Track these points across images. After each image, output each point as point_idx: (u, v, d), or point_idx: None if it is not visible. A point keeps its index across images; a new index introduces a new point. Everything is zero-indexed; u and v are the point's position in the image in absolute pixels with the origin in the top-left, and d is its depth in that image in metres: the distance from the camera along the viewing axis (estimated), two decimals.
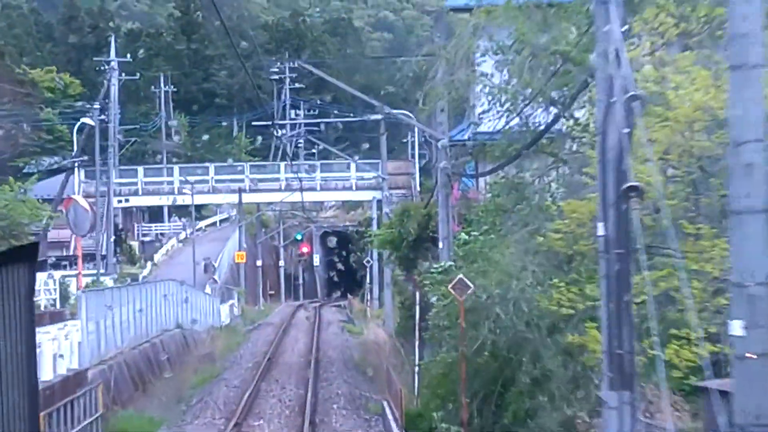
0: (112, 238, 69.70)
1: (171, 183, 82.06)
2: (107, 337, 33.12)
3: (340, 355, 42.59)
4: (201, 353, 43.01)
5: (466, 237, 28.68)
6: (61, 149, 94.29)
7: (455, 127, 34.96)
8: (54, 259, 66.45)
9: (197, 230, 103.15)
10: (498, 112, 26.96)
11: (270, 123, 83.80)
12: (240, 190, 77.17)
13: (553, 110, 26.46)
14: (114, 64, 70.22)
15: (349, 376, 36.07)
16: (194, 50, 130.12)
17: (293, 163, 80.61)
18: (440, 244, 30.20)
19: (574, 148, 27.00)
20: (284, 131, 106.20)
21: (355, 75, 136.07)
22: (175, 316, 46.08)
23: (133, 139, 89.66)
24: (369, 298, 74.41)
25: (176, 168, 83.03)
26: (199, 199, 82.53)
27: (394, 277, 42.60)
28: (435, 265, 26.98)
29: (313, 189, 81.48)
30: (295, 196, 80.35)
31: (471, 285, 21.11)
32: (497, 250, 24.71)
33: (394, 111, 38.08)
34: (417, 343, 28.91)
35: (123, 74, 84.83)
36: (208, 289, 70.67)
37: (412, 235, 34.63)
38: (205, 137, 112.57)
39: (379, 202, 78.48)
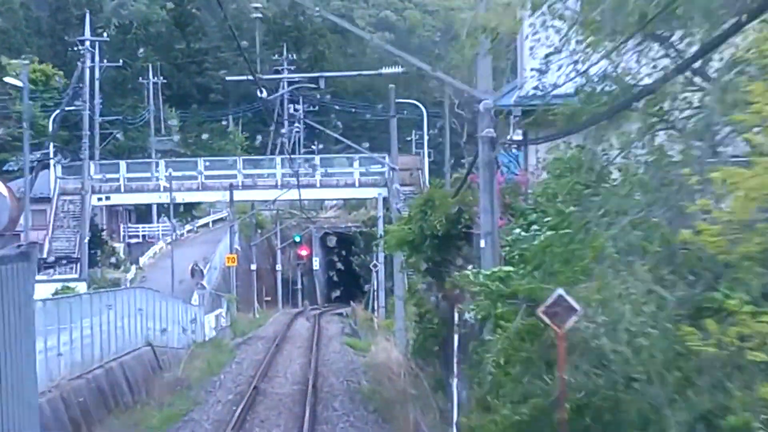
0: (87, 238, 61.33)
1: (157, 179, 73.64)
2: (39, 365, 24.60)
3: (345, 384, 34.01)
4: (173, 378, 34.44)
5: (523, 233, 20.26)
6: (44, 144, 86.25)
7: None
8: None
9: (189, 232, 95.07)
10: (572, 52, 18.31)
11: (251, 77, 74.66)
12: (231, 187, 68.58)
13: (655, 51, 17.79)
14: (89, 44, 61.46)
15: (357, 417, 27.49)
16: (188, 43, 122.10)
17: (291, 156, 71.81)
18: (482, 242, 21.74)
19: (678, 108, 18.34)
20: (281, 124, 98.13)
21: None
22: (145, 331, 37.63)
23: (115, 132, 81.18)
24: (376, 306, 66.00)
25: (162, 163, 74.55)
26: (188, 197, 74.22)
27: (412, 286, 33.86)
28: (485, 272, 18.45)
29: (312, 186, 73.08)
30: (293, 194, 71.84)
31: (577, 307, 12.63)
32: (579, 250, 16.22)
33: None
34: (455, 382, 20.42)
35: (105, 60, 76.91)
36: (195, 297, 62.56)
37: (439, 232, 26.10)
38: (205, 136, 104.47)
39: (386, 200, 70.37)
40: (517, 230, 20.72)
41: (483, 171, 21.87)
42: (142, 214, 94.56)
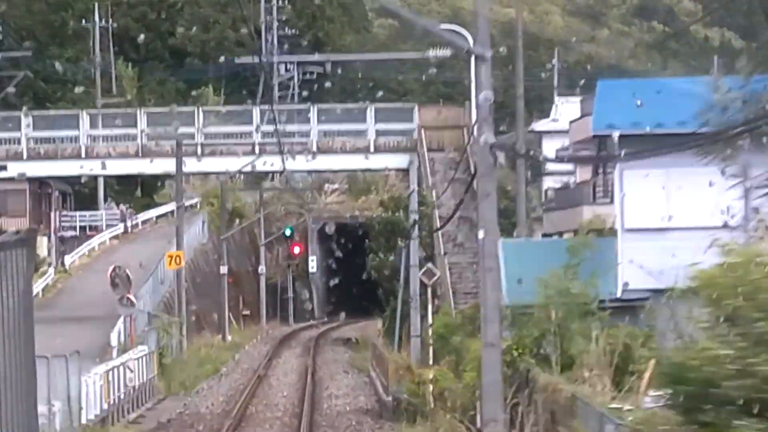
0: None
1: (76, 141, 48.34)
2: None
3: None
4: None
5: None
6: None
7: None
8: None
9: (144, 222, 70.22)
10: None
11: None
12: (179, 145, 42.44)
13: None
14: None
15: None
16: None
17: (273, 108, 45.67)
18: None
19: None
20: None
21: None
22: None
23: (22, 73, 56.05)
24: (403, 332, 40.81)
25: (84, 115, 48.97)
26: (121, 167, 48.77)
27: None
28: None
29: (306, 152, 47.87)
30: (275, 165, 46.41)
31: None
32: None
33: None
34: None
35: None
36: (119, 324, 37.67)
37: None
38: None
39: (419, 169, 45.31)
40: None
41: None
42: (84, 198, 69.39)
